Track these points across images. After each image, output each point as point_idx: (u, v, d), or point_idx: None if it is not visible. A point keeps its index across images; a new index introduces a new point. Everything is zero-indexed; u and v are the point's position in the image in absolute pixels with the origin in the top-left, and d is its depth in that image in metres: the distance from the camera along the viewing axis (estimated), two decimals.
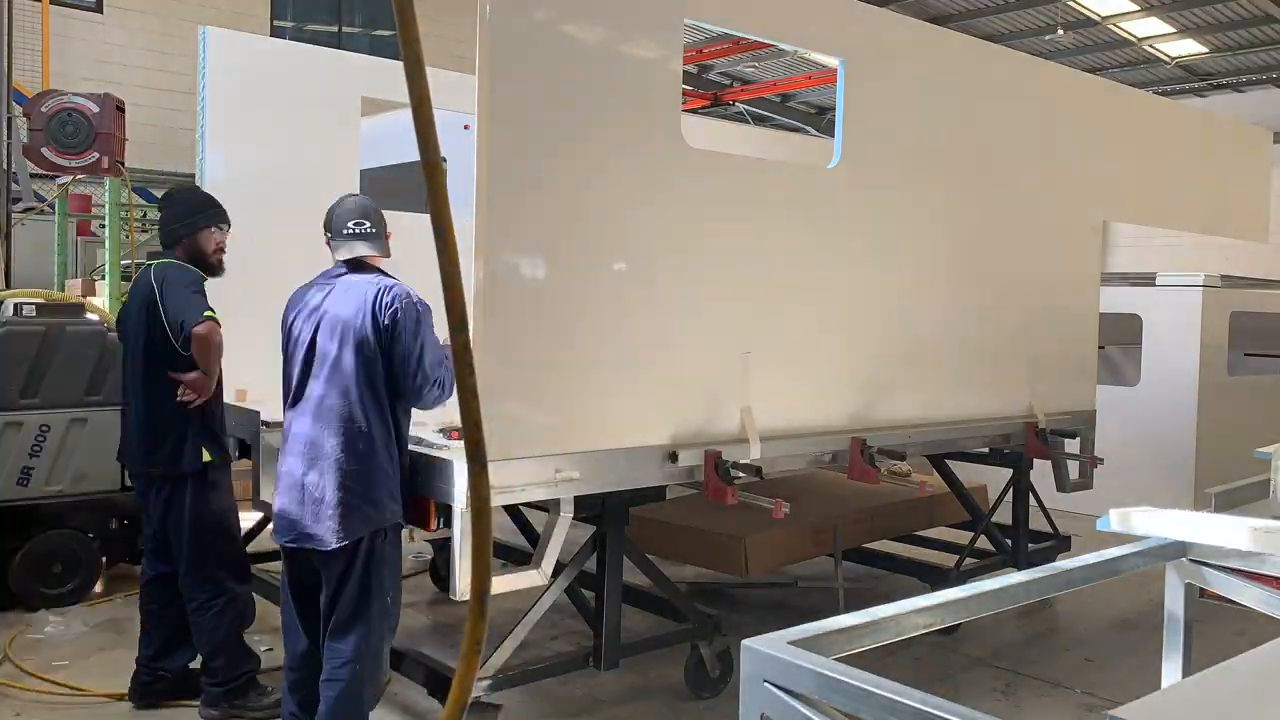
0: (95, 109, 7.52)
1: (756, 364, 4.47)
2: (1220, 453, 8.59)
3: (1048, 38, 14.58)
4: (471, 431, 1.49)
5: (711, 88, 16.95)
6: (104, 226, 9.07)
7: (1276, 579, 2.73)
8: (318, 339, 3.70)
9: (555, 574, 4.05)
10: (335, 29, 15.22)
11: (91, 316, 6.17)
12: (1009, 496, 6.31)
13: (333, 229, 3.81)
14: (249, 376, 4.95)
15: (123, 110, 7.87)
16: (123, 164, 7.82)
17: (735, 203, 4.41)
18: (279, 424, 4.04)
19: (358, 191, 4.93)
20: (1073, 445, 6.24)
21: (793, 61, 15.78)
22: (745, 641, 1.93)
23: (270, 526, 3.71)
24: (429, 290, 3.79)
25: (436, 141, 1.36)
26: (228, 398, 4.63)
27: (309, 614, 3.83)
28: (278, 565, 5.67)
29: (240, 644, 4.44)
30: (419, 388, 3.65)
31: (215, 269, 4.41)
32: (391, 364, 3.62)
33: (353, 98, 5.98)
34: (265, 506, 4.96)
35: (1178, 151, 6.97)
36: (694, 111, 14.40)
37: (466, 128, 3.85)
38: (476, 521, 1.47)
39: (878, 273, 5.02)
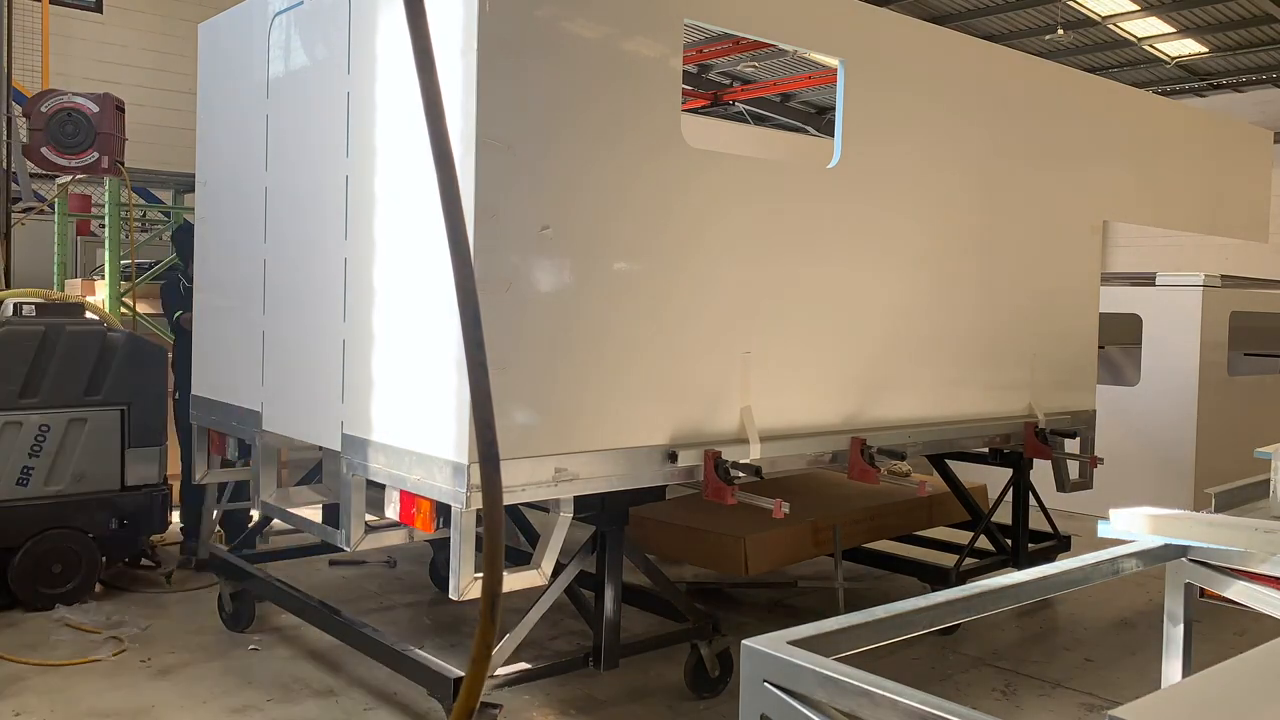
0: (95, 109, 7.52)
1: (756, 364, 4.47)
2: (1220, 453, 8.59)
3: (1048, 38, 14.58)
4: (484, 432, 1.47)
5: (711, 88, 16.96)
6: (104, 226, 9.08)
7: (1276, 579, 2.73)
8: None
9: (555, 574, 4.05)
10: None
11: (91, 316, 6.18)
12: (1009, 496, 6.31)
13: None
14: None
15: (123, 110, 7.87)
16: (123, 164, 7.83)
17: (735, 203, 4.40)
18: None
19: None
20: (1073, 445, 6.24)
21: (793, 61, 15.78)
22: (745, 641, 1.93)
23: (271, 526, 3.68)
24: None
25: (448, 137, 1.36)
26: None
27: None
28: (278, 565, 5.68)
29: None
30: None
31: None
32: None
33: None
34: (266, 506, 4.97)
35: (1178, 151, 6.97)
36: (694, 111, 14.40)
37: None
38: (490, 523, 1.46)
39: (877, 272, 5.02)
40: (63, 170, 7.84)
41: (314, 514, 4.82)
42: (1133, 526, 2.90)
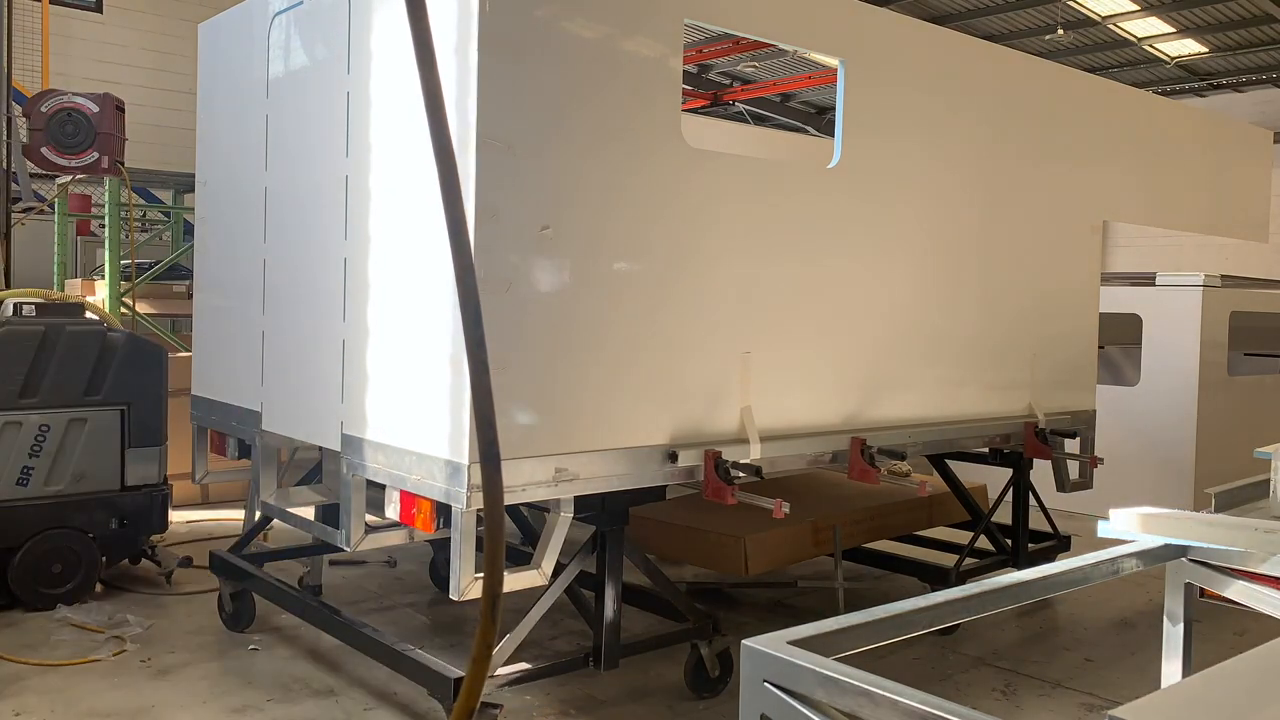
0: (95, 109, 7.53)
1: (756, 364, 4.47)
2: (1220, 453, 8.59)
3: (1048, 37, 14.59)
4: (485, 431, 1.47)
5: (711, 88, 16.97)
6: (104, 226, 9.09)
7: (1276, 579, 2.73)
8: None
9: (555, 574, 4.05)
10: None
11: (91, 316, 6.18)
12: (1009, 496, 6.31)
13: None
14: None
15: (123, 110, 7.87)
16: (122, 164, 7.83)
17: (735, 203, 4.41)
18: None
19: None
20: (1073, 445, 6.24)
21: (793, 61, 15.80)
22: (745, 641, 1.93)
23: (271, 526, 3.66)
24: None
25: (449, 132, 1.36)
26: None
27: None
28: (278, 564, 5.69)
29: None
30: None
31: None
32: None
33: None
34: (266, 506, 4.96)
35: (1178, 151, 6.97)
36: (694, 111, 14.41)
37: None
38: (490, 523, 1.46)
39: (878, 272, 5.02)
40: (63, 170, 7.84)
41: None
42: (1133, 526, 2.90)
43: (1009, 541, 6.28)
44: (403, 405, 3.97)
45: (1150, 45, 15.31)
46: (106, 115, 7.56)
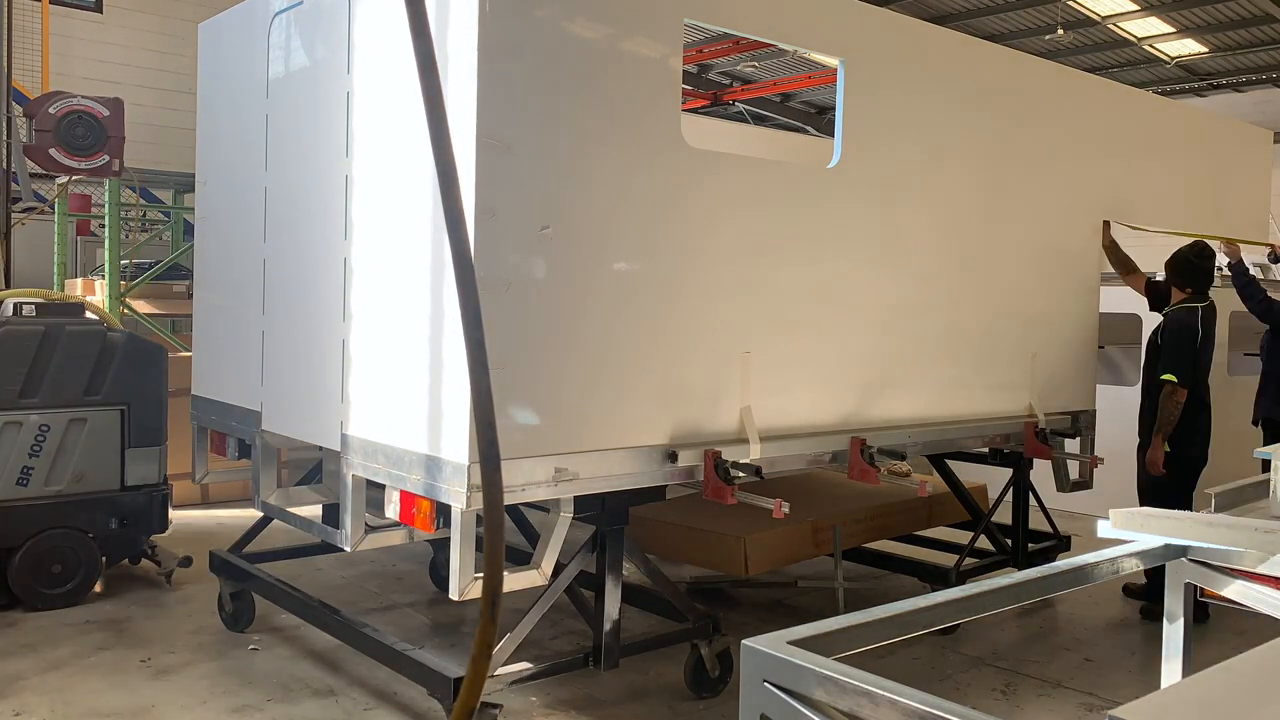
0: (106, 112, 7.52)
1: (756, 364, 4.47)
2: (1220, 453, 8.58)
3: (1048, 37, 14.59)
4: (484, 431, 1.47)
5: (711, 87, 16.96)
6: (104, 226, 9.09)
7: (1276, 579, 2.72)
8: None
9: (555, 574, 4.05)
10: None
11: (91, 316, 6.18)
12: (1009, 496, 6.31)
13: None
14: None
15: (122, 110, 7.87)
16: (123, 164, 7.83)
17: (734, 202, 4.41)
18: None
19: None
20: (1073, 445, 6.23)
21: (793, 61, 15.79)
22: (745, 641, 1.93)
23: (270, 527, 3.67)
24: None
25: (449, 135, 1.36)
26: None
27: None
28: (278, 565, 5.68)
29: None
30: None
31: None
32: None
33: None
34: (266, 506, 4.96)
35: (1178, 151, 6.97)
36: (694, 111, 14.40)
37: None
38: (490, 523, 1.46)
39: (877, 272, 5.02)
40: (72, 172, 7.85)
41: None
42: (1133, 526, 2.90)
43: (1009, 541, 6.28)
44: (402, 405, 3.97)
45: (1150, 45, 15.31)
46: (117, 118, 7.56)
